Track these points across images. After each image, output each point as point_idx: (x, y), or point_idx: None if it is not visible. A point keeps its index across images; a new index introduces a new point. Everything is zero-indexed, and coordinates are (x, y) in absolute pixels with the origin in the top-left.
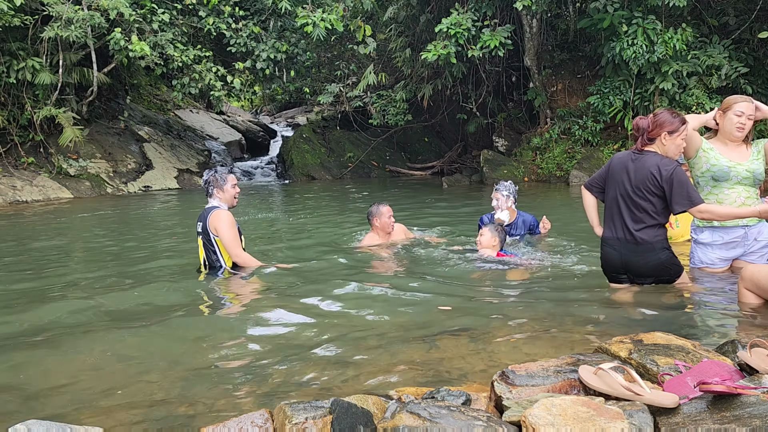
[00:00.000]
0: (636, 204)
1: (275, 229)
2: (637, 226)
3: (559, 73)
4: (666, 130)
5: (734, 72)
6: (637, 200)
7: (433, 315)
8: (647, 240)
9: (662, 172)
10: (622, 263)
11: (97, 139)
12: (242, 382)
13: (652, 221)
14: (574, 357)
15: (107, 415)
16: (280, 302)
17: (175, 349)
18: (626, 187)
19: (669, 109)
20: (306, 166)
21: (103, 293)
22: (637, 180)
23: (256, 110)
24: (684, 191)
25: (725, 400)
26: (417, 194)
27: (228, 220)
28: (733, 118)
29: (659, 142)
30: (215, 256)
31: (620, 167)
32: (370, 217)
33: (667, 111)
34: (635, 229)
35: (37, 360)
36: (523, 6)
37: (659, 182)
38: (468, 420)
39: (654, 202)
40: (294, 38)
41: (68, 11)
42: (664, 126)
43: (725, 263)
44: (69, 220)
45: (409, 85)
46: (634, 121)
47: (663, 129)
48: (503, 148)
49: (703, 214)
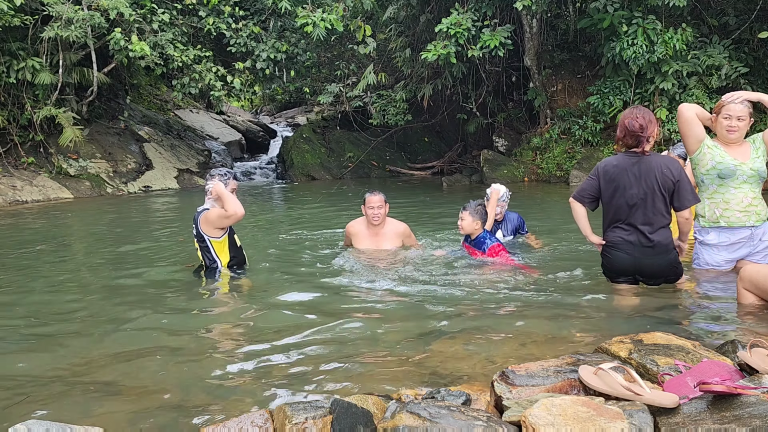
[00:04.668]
0: (649, 206)
1: (274, 230)
2: (652, 228)
3: (559, 73)
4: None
5: (734, 72)
6: (650, 202)
7: (433, 316)
8: (661, 242)
9: (673, 171)
10: (635, 266)
11: (97, 139)
12: (242, 382)
13: (664, 221)
14: (574, 357)
15: (107, 415)
16: (279, 303)
17: (174, 349)
18: (634, 191)
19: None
20: (306, 166)
21: (102, 294)
22: (649, 182)
23: (256, 110)
24: (690, 187)
25: (725, 400)
26: (417, 194)
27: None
28: (722, 121)
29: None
30: (210, 255)
31: (620, 173)
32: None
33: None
34: (650, 232)
35: (37, 360)
36: (523, 6)
37: (673, 180)
38: (468, 420)
39: (666, 202)
40: (294, 38)
41: (68, 11)
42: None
43: (731, 264)
44: (69, 220)
45: (409, 85)
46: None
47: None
48: (503, 148)
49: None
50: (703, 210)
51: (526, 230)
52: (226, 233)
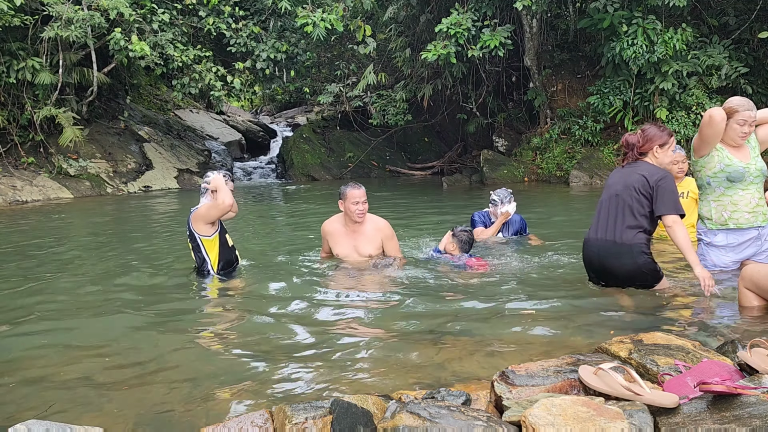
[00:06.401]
0: (622, 202)
1: (273, 230)
2: (619, 225)
3: (559, 73)
4: (657, 143)
5: (734, 72)
6: (624, 198)
7: (432, 316)
8: (625, 241)
9: (653, 177)
10: (600, 265)
11: (97, 139)
12: (242, 382)
13: (633, 221)
14: (574, 357)
15: (107, 415)
16: (278, 304)
17: (173, 350)
18: (617, 189)
19: (654, 123)
20: (306, 166)
21: (102, 294)
22: (629, 182)
23: (256, 110)
24: (672, 198)
25: (725, 400)
26: (417, 194)
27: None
28: (737, 127)
29: (651, 156)
30: (201, 255)
31: (614, 178)
32: (339, 196)
33: (654, 125)
34: (615, 229)
35: (37, 360)
36: (523, 6)
37: (648, 184)
38: (468, 420)
39: (641, 202)
40: (294, 38)
41: (68, 11)
42: (654, 140)
43: (737, 264)
44: (69, 220)
45: (409, 85)
46: (624, 138)
47: (654, 143)
48: (503, 148)
49: (672, 227)
50: (710, 212)
51: (527, 232)
52: (217, 232)
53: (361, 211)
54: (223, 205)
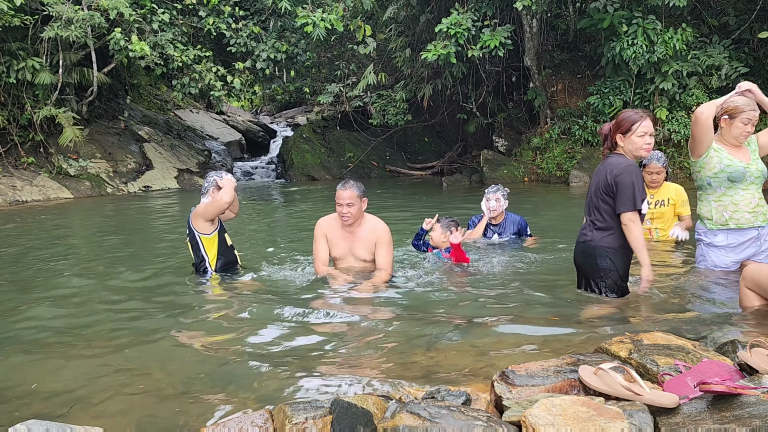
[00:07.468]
0: (592, 204)
1: (273, 230)
2: (589, 225)
3: (559, 73)
4: (620, 131)
5: (734, 72)
6: (594, 200)
7: (432, 316)
8: (592, 241)
9: (611, 173)
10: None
11: (97, 139)
12: (242, 382)
13: (602, 223)
14: (574, 357)
15: (107, 415)
16: (277, 304)
17: (174, 349)
18: (591, 189)
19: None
20: (306, 166)
21: (101, 294)
22: (597, 181)
23: (256, 110)
24: (628, 194)
25: (725, 400)
26: (417, 194)
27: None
28: (740, 126)
29: (618, 145)
30: (199, 253)
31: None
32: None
33: (629, 110)
34: (585, 229)
35: (37, 360)
36: (523, 6)
37: (608, 183)
38: (468, 420)
39: (607, 202)
40: (294, 38)
41: (68, 11)
42: (618, 126)
43: (737, 265)
44: (69, 220)
45: (409, 85)
46: (600, 129)
47: (617, 130)
48: (503, 148)
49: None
50: (710, 212)
51: (529, 233)
52: (216, 230)
53: (346, 215)
54: (220, 201)
